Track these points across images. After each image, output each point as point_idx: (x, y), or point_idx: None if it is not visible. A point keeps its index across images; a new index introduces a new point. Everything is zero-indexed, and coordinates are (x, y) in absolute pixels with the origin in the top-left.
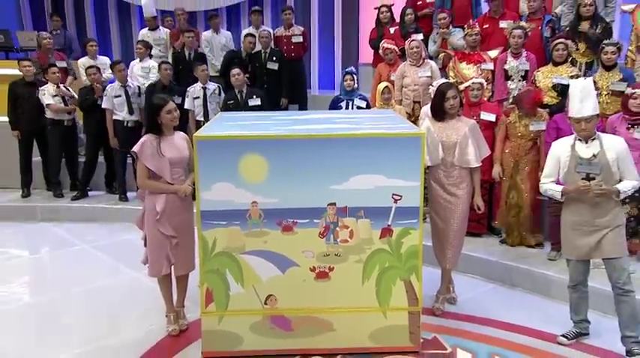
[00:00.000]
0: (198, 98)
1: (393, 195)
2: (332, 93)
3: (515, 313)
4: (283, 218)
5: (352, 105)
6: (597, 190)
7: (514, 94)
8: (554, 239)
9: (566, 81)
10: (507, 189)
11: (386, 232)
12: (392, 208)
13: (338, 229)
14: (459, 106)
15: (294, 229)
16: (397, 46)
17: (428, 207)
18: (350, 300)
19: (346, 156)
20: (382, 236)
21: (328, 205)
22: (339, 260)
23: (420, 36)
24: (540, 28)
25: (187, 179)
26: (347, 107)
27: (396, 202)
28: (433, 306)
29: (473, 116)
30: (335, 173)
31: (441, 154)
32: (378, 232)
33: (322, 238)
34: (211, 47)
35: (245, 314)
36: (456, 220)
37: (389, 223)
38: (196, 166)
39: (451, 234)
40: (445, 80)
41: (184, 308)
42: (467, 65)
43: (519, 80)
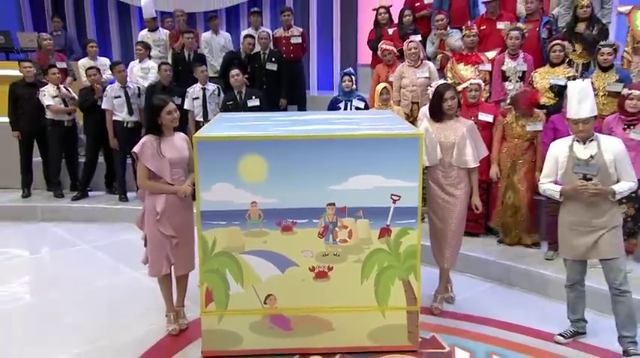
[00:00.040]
0: (197, 99)
1: (392, 196)
2: (331, 93)
3: (512, 312)
4: (283, 218)
5: (351, 105)
6: (592, 190)
7: (511, 95)
8: (551, 239)
9: (563, 82)
10: (504, 190)
11: (384, 232)
12: (390, 208)
13: (337, 229)
14: (457, 107)
15: (293, 229)
16: (395, 47)
17: (426, 207)
18: (349, 300)
19: (345, 156)
20: (381, 236)
21: (327, 205)
22: (338, 260)
23: (418, 37)
24: (538, 30)
25: (187, 179)
26: (345, 108)
27: (395, 202)
28: (431, 306)
29: (471, 117)
30: (334, 173)
31: (439, 155)
32: (377, 232)
33: (321, 238)
34: (210, 48)
35: (245, 313)
36: (454, 220)
37: (387, 223)
38: (196, 167)
39: (449, 234)
40: (443, 81)
41: (184, 307)
42: (464, 66)
43: (517, 81)
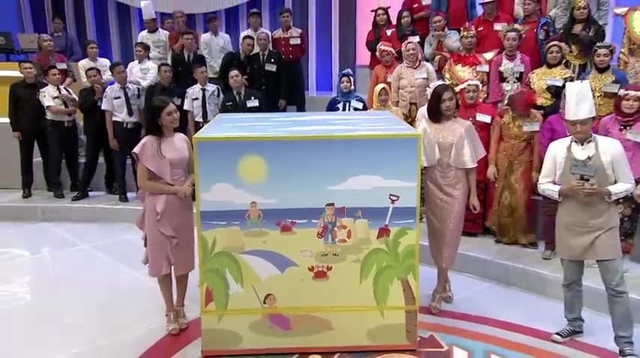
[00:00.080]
0: (197, 99)
1: (391, 196)
2: (329, 94)
3: (510, 311)
4: (282, 218)
5: (349, 106)
6: (588, 190)
7: (509, 96)
8: (548, 238)
9: (560, 83)
10: (501, 190)
11: (383, 232)
12: (389, 208)
13: (336, 229)
14: (455, 108)
15: (292, 229)
16: (394, 48)
17: (424, 207)
18: (348, 299)
19: (344, 157)
20: (379, 236)
21: (326, 205)
22: (337, 259)
23: (417, 38)
24: (535, 31)
25: (187, 180)
26: (344, 108)
27: (393, 202)
28: (430, 305)
29: (469, 117)
30: (333, 174)
31: (438, 155)
32: (376, 232)
33: (320, 238)
34: (210, 49)
35: (244, 313)
36: (452, 220)
37: (386, 223)
38: (196, 167)
39: (447, 234)
40: (441, 82)
41: (184, 307)
42: (462, 67)
43: (514, 82)
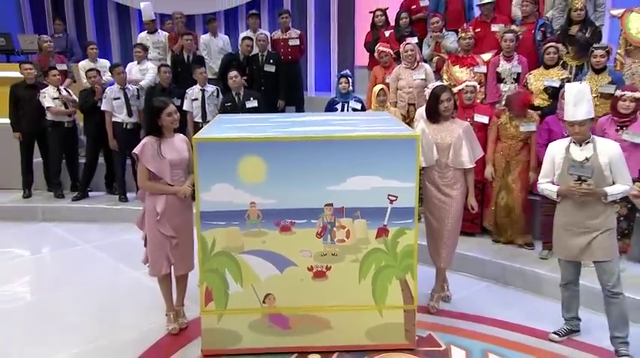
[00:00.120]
0: (196, 100)
1: (389, 196)
2: (328, 95)
3: (508, 311)
4: (281, 218)
5: (347, 107)
6: (583, 190)
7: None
8: (545, 238)
9: (556, 83)
10: (497, 190)
11: (382, 232)
12: (388, 209)
13: (335, 229)
14: (453, 109)
15: (292, 229)
16: (392, 49)
17: (423, 208)
18: (347, 299)
19: (343, 157)
20: (378, 236)
21: (325, 206)
22: (336, 259)
23: (415, 39)
24: (533, 32)
25: (187, 180)
26: (342, 109)
27: (392, 203)
28: (428, 304)
29: (466, 118)
30: (332, 174)
31: (436, 156)
32: (374, 232)
33: (319, 238)
34: (209, 50)
35: (244, 312)
36: (450, 220)
37: (385, 223)
38: (196, 168)
39: (445, 234)
40: (439, 83)
41: (184, 307)
42: (460, 68)
43: (512, 83)
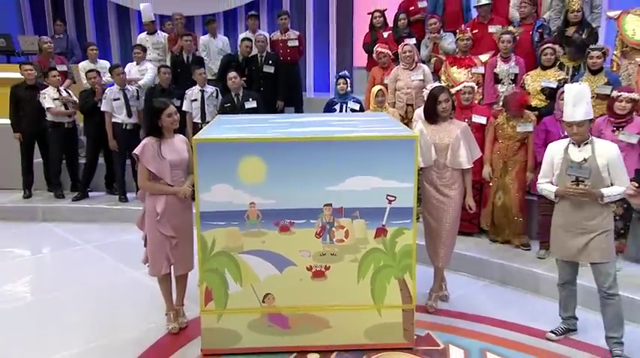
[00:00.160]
0: (196, 100)
1: (388, 196)
2: (327, 95)
3: (505, 310)
4: (281, 218)
5: (346, 107)
6: (579, 190)
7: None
8: (543, 238)
9: (554, 84)
10: (495, 190)
11: (380, 232)
12: (386, 209)
13: (334, 229)
14: (451, 109)
15: (291, 229)
16: (390, 50)
17: (421, 208)
18: (346, 298)
19: (342, 158)
20: (377, 236)
21: (324, 206)
22: (335, 259)
23: (413, 40)
24: (531, 33)
25: (187, 181)
26: (341, 110)
27: (391, 203)
28: (426, 304)
29: (464, 119)
30: (331, 174)
31: (434, 156)
32: (373, 232)
33: (318, 238)
34: (208, 51)
35: (243, 312)
36: (449, 220)
37: (383, 223)
38: (196, 168)
39: (444, 234)
40: (438, 84)
41: (184, 306)
42: (458, 69)
43: (509, 83)
